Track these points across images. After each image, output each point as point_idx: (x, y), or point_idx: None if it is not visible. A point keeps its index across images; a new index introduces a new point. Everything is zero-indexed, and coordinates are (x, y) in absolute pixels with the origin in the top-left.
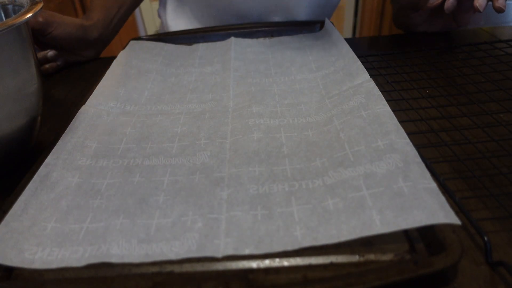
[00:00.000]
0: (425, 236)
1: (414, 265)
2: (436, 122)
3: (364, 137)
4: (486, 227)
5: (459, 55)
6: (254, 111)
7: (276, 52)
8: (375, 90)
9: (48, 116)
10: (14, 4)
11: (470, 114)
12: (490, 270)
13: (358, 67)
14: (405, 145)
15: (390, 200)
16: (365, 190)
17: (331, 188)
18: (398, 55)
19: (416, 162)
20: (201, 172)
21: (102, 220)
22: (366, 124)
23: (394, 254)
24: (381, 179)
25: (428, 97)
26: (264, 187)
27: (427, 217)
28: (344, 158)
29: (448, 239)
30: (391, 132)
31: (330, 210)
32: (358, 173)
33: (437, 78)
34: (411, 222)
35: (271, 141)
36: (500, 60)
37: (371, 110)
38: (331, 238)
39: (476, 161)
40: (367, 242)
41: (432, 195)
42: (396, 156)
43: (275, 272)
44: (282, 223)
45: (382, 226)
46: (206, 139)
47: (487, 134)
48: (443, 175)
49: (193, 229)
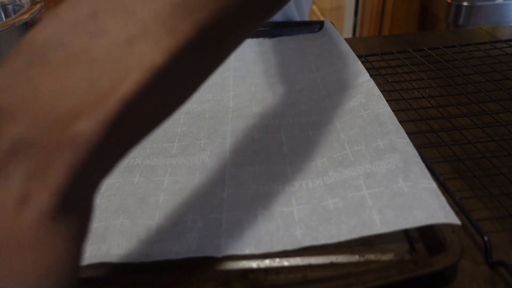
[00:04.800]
0: (425, 236)
1: (414, 265)
2: (436, 122)
3: (364, 137)
4: (486, 227)
5: (459, 55)
6: (254, 111)
7: (276, 52)
8: (375, 90)
9: None
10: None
11: (470, 114)
12: (490, 270)
13: (358, 67)
14: (405, 145)
15: (390, 200)
16: (365, 190)
17: (331, 188)
18: (398, 55)
19: (416, 162)
20: (201, 172)
21: (102, 220)
22: (366, 124)
23: (394, 254)
24: (381, 179)
25: (428, 97)
26: (264, 187)
27: (427, 217)
28: (344, 158)
29: (448, 239)
30: (391, 132)
31: (330, 209)
32: (358, 173)
33: (437, 78)
34: (411, 222)
35: (271, 141)
36: (500, 60)
37: (371, 110)
38: (331, 238)
39: (476, 161)
40: (367, 242)
41: (432, 195)
42: (396, 156)
43: (275, 272)
44: (282, 222)
45: (382, 226)
46: (206, 139)
47: (487, 134)
48: (443, 175)
49: (193, 229)
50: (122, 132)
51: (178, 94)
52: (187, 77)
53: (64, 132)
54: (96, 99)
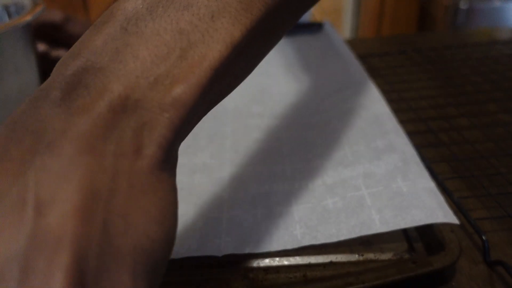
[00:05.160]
0: (423, 236)
1: (413, 264)
2: (435, 122)
3: (363, 137)
4: (485, 226)
5: (458, 56)
6: (254, 111)
7: (276, 53)
8: (374, 90)
9: None
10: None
11: (469, 115)
12: (488, 269)
13: (357, 68)
14: (404, 145)
15: (389, 199)
16: (364, 190)
17: (331, 188)
18: (397, 55)
19: (415, 162)
20: (201, 172)
21: None
22: (365, 124)
23: (393, 254)
24: (380, 179)
25: (427, 98)
26: (264, 187)
27: (426, 217)
28: (343, 158)
29: (446, 239)
30: (390, 132)
31: (330, 209)
32: (357, 173)
33: (436, 78)
34: (410, 221)
35: (271, 141)
36: (498, 61)
37: (371, 110)
38: (331, 237)
39: (474, 161)
40: (366, 242)
41: (431, 194)
42: (395, 156)
43: (275, 271)
44: (282, 222)
45: (381, 225)
46: (206, 139)
47: (485, 135)
48: (441, 174)
49: (193, 229)
50: (207, 97)
51: (246, 68)
52: (255, 53)
53: (166, 94)
54: (190, 67)
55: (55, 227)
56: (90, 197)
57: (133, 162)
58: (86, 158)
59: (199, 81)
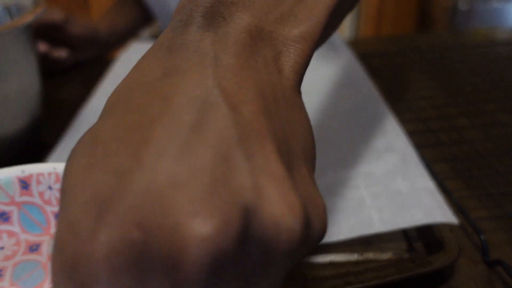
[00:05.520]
0: (423, 235)
1: (412, 263)
2: (435, 122)
3: (363, 137)
4: (484, 226)
5: (457, 56)
6: None
7: None
8: (373, 90)
9: (51, 117)
10: (17, 5)
11: (468, 115)
12: (488, 268)
13: (357, 69)
14: (403, 145)
15: (388, 199)
16: (363, 189)
17: (331, 188)
18: (397, 55)
19: (414, 162)
20: None
21: None
22: (365, 124)
23: (392, 253)
24: (380, 179)
25: (426, 98)
26: None
27: (425, 216)
28: (343, 158)
29: (446, 238)
30: (390, 132)
31: (329, 209)
32: (357, 173)
33: (435, 79)
34: (409, 221)
35: None
36: (497, 61)
37: (370, 110)
38: (330, 237)
39: (473, 161)
40: (366, 241)
41: (430, 194)
42: (395, 155)
43: None
44: None
45: (380, 225)
46: None
47: (484, 134)
48: (441, 174)
49: None
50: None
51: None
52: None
53: (293, 29)
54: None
55: (253, 123)
56: (265, 101)
57: (280, 81)
58: (248, 72)
59: (320, 18)
